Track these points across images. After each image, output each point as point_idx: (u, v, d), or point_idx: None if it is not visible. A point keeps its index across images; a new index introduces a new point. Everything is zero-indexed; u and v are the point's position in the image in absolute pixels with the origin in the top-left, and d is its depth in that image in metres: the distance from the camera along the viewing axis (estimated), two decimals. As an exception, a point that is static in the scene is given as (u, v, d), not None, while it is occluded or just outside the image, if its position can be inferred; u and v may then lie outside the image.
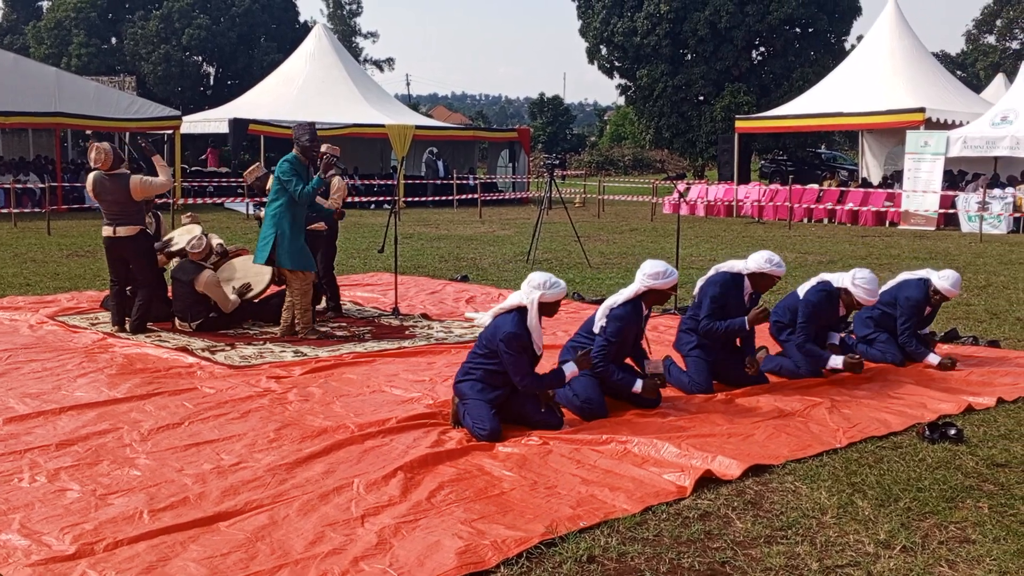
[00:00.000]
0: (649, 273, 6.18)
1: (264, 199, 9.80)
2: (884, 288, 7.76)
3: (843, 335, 7.51)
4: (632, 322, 6.20)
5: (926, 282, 7.55)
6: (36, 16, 50.63)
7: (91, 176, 8.49)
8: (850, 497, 4.60)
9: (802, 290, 7.23)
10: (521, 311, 5.68)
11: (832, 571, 3.83)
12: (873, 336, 7.55)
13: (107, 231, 8.41)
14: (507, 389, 5.67)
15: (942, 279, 7.48)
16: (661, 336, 8.21)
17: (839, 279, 7.13)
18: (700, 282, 7.03)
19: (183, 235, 9.14)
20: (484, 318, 5.88)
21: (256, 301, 9.00)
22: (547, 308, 5.75)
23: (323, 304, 9.46)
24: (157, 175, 8.56)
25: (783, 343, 7.32)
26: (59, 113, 23.96)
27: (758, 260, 6.77)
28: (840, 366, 6.90)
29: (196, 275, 8.45)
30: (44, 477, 4.76)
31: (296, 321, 8.37)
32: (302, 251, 8.21)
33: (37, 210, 22.52)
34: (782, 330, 7.34)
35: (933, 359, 7.38)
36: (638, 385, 6.08)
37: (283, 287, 8.63)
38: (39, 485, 4.66)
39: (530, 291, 5.68)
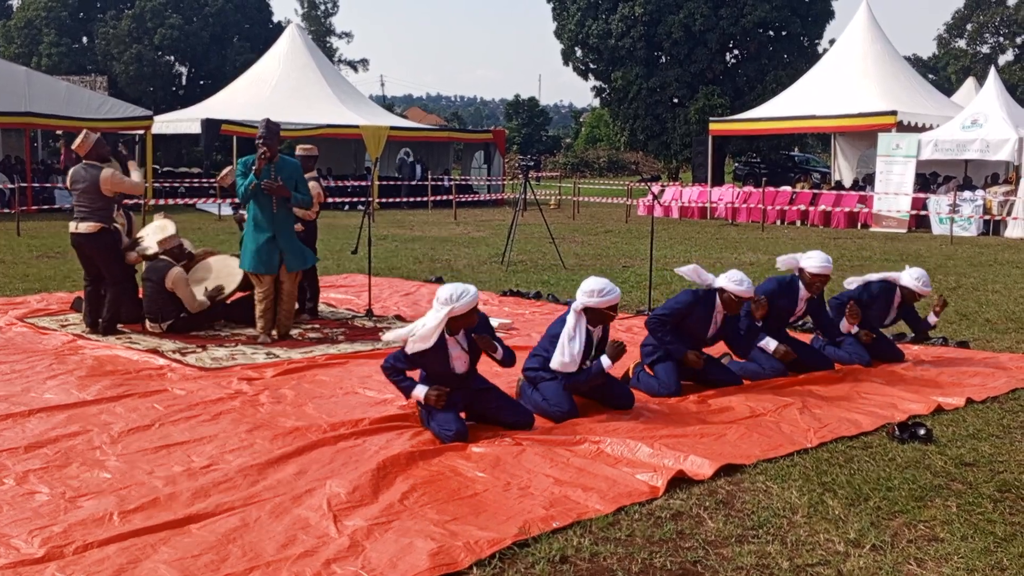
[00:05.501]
0: (585, 291, 5.98)
1: (238, 200, 9.76)
2: (849, 290, 7.90)
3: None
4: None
5: (883, 284, 7.74)
6: (6, 15, 50.12)
7: (72, 168, 8.48)
8: (820, 496, 4.64)
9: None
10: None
11: (802, 570, 3.86)
12: (841, 338, 7.61)
13: (72, 226, 8.39)
14: (462, 390, 5.62)
15: (912, 277, 7.67)
16: (635, 338, 8.23)
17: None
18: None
19: (155, 232, 9.05)
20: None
21: (228, 303, 8.94)
22: (462, 320, 5.43)
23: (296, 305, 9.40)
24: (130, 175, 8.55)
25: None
26: (29, 113, 23.71)
27: (724, 278, 6.68)
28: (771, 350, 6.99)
29: (165, 273, 8.41)
30: (12, 480, 4.71)
31: (279, 320, 8.33)
32: (258, 252, 8.06)
33: (6, 211, 22.24)
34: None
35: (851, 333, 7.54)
36: (606, 361, 5.91)
37: (248, 292, 8.59)
38: (7, 488, 4.61)
39: (439, 308, 5.37)
